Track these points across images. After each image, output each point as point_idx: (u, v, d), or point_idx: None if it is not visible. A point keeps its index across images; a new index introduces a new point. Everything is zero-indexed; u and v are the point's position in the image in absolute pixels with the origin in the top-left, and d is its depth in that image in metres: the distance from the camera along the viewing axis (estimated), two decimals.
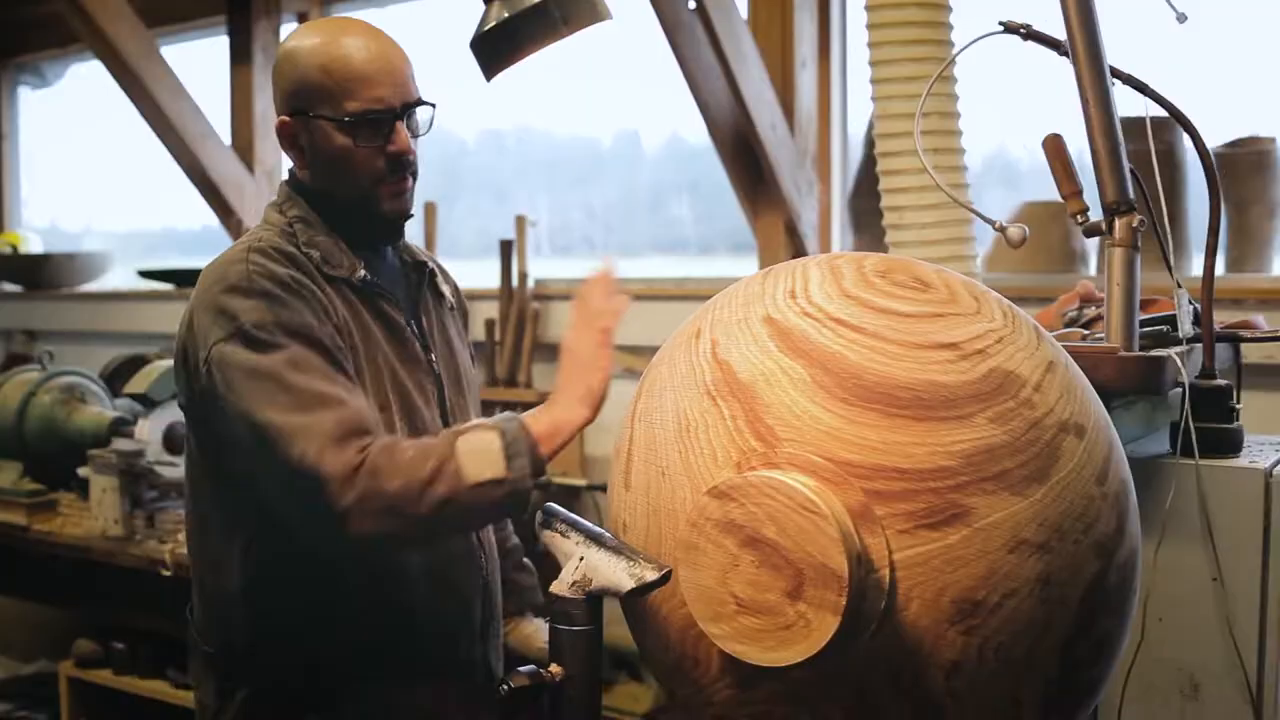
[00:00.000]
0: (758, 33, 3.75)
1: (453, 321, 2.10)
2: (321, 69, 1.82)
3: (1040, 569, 1.26)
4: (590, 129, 5.13)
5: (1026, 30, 1.86)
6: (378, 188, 1.87)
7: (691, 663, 1.44)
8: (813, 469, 1.29)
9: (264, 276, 1.76)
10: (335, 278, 1.86)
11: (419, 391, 1.92)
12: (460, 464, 1.67)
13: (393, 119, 1.84)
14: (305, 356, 1.73)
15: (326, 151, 1.85)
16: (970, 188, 2.48)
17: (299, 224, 1.89)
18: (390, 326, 1.92)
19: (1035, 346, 1.34)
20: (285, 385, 1.70)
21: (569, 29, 1.53)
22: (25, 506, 3.52)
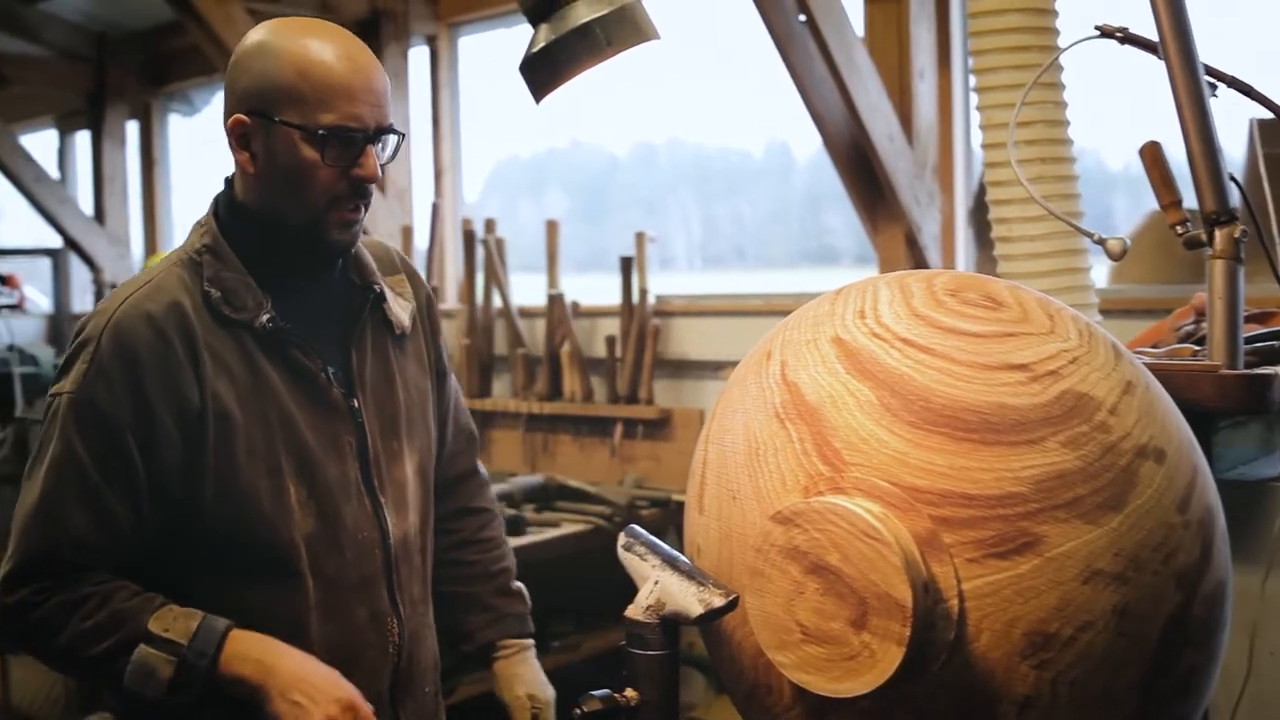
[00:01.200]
0: (873, 44, 3.71)
1: (408, 349, 1.94)
2: (299, 72, 1.66)
3: (1116, 601, 1.20)
4: (741, 141, 5.12)
5: (1124, 34, 1.79)
6: (329, 213, 1.71)
7: (765, 690, 1.41)
8: (879, 494, 1.26)
9: (112, 346, 1.68)
10: (234, 321, 1.73)
11: (329, 446, 1.79)
12: (128, 667, 1.64)
13: (365, 141, 1.69)
14: (76, 460, 1.67)
15: (285, 162, 1.69)
16: (1082, 197, 2.39)
17: (208, 255, 1.75)
18: (297, 375, 1.78)
19: (1112, 367, 1.28)
20: (41, 478, 1.68)
21: (613, 49, 1.53)
22: None
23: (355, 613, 1.82)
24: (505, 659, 2.06)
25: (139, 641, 1.64)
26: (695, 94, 4.85)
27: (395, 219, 5.44)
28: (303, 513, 1.76)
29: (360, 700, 1.69)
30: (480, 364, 4.86)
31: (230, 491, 1.71)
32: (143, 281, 1.74)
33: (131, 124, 7.45)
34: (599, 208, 5.71)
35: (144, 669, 1.63)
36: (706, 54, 4.70)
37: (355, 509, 1.81)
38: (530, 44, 1.60)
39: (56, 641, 1.66)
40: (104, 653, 1.65)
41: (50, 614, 1.66)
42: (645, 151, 5.52)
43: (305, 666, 1.68)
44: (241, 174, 1.75)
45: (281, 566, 1.75)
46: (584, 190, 5.73)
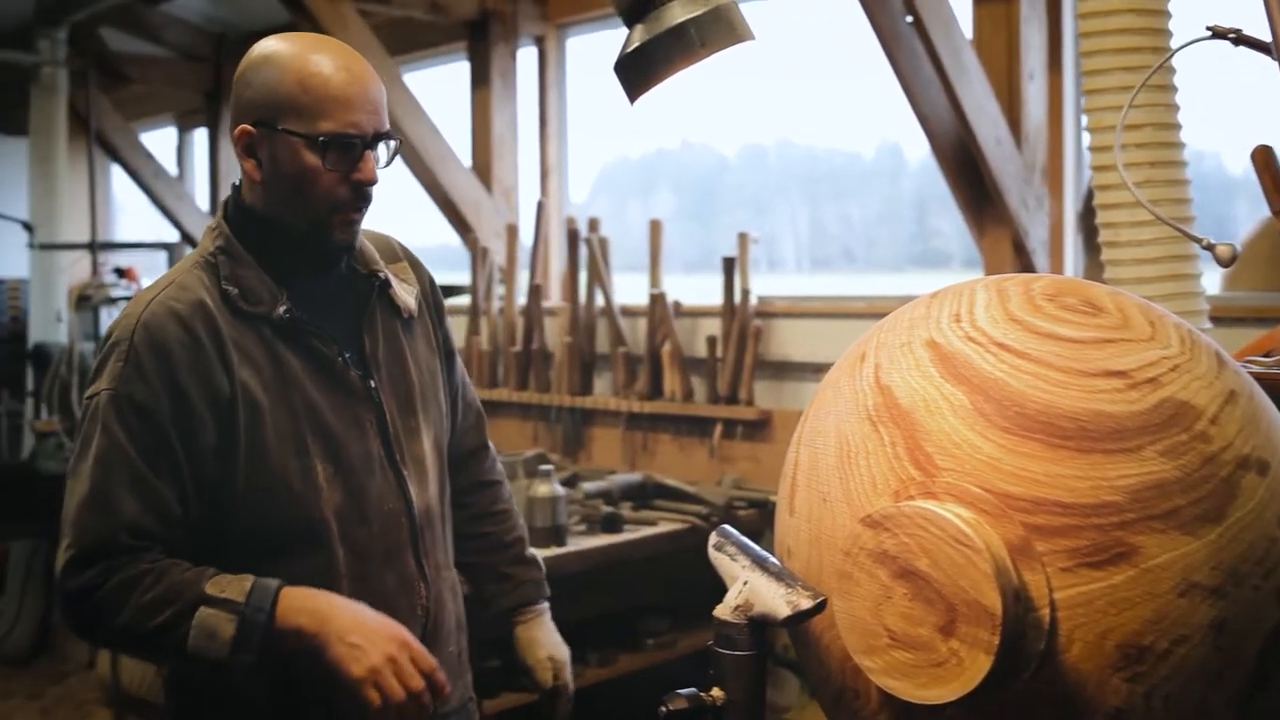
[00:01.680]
0: (981, 45, 3.66)
1: (415, 330, 2.03)
2: (299, 84, 1.77)
3: (1214, 615, 1.17)
4: (851, 142, 5.09)
5: (1237, 35, 1.74)
6: (333, 215, 1.83)
7: (853, 694, 1.40)
8: (971, 500, 1.24)
9: (145, 343, 1.78)
10: (253, 315, 1.83)
11: (351, 425, 1.90)
12: (188, 631, 1.71)
13: (363, 146, 1.80)
14: (122, 450, 1.75)
15: (288, 169, 1.80)
16: (1194, 201, 2.34)
17: (222, 256, 1.86)
18: (316, 361, 1.88)
19: (1215, 375, 1.25)
20: (89, 471, 1.76)
21: (707, 50, 1.52)
22: None
23: (385, 579, 1.92)
24: (524, 623, 2.20)
25: (198, 606, 1.72)
26: (806, 95, 4.83)
27: (501, 217, 5.49)
28: (330, 489, 1.86)
29: (414, 640, 1.79)
30: (582, 362, 4.89)
31: (262, 472, 1.81)
32: (165, 283, 1.85)
33: None
34: (708, 208, 5.71)
35: (206, 629, 1.71)
36: (818, 54, 4.67)
37: (379, 483, 1.91)
38: (625, 44, 1.60)
39: (118, 620, 1.73)
40: (164, 623, 1.72)
41: (111, 593, 1.73)
42: (755, 152, 5.51)
43: (360, 612, 1.77)
44: (249, 181, 1.86)
45: (313, 539, 1.85)
46: (693, 191, 5.73)
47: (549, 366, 5.05)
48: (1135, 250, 2.31)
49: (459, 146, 5.50)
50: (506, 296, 5.26)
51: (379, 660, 1.73)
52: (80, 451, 1.79)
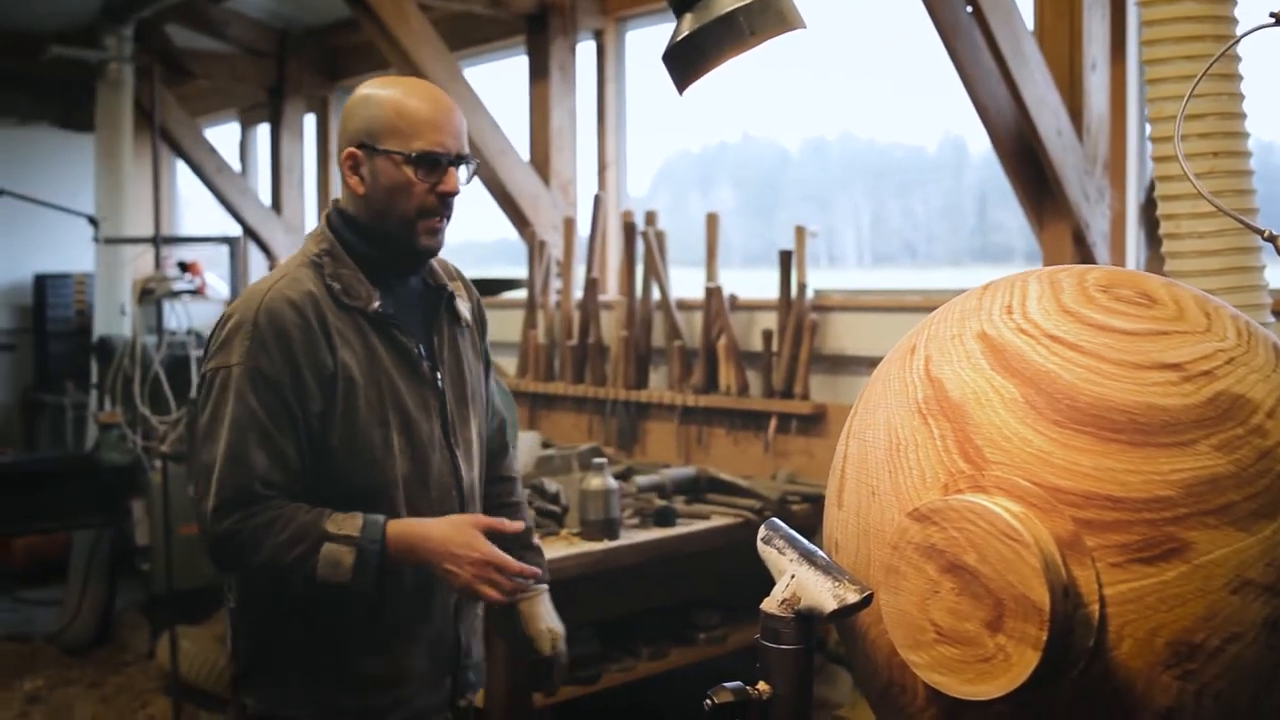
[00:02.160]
0: (1043, 35, 3.61)
1: (468, 338, 2.40)
2: (396, 112, 2.16)
3: (1268, 613, 1.15)
4: (914, 136, 5.05)
5: None
6: (419, 221, 2.19)
7: (899, 689, 1.39)
8: (1020, 494, 1.23)
9: (267, 323, 2.14)
10: (351, 307, 2.19)
11: (421, 407, 2.26)
12: (316, 563, 2.10)
13: (448, 163, 2.17)
14: (252, 414, 2.12)
15: (388, 181, 2.17)
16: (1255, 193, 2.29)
17: (326, 257, 2.22)
18: (399, 351, 2.24)
19: (1272, 368, 1.22)
20: (224, 434, 2.12)
21: (756, 39, 1.51)
22: None
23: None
24: (528, 600, 2.50)
25: (322, 542, 2.09)
26: (868, 88, 4.79)
27: (559, 210, 5.50)
28: (402, 458, 2.23)
29: (494, 554, 2.18)
30: (637, 355, 4.89)
31: (352, 437, 2.18)
32: (278, 276, 2.21)
33: (309, 117, 7.68)
34: (769, 202, 5.67)
35: (331, 560, 2.10)
36: (880, 47, 4.63)
37: (439, 459, 2.29)
38: (674, 34, 1.60)
39: (259, 557, 2.11)
40: (297, 557, 2.10)
41: (251, 536, 2.10)
42: (817, 146, 5.46)
43: (447, 535, 2.17)
44: (351, 195, 2.23)
45: (384, 498, 2.21)
46: (754, 185, 5.70)
47: (605, 360, 5.05)
48: (1196, 242, 2.26)
49: (518, 141, 5.51)
50: (563, 290, 5.27)
51: (468, 578, 2.15)
52: (213, 417, 2.15)
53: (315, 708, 2.25)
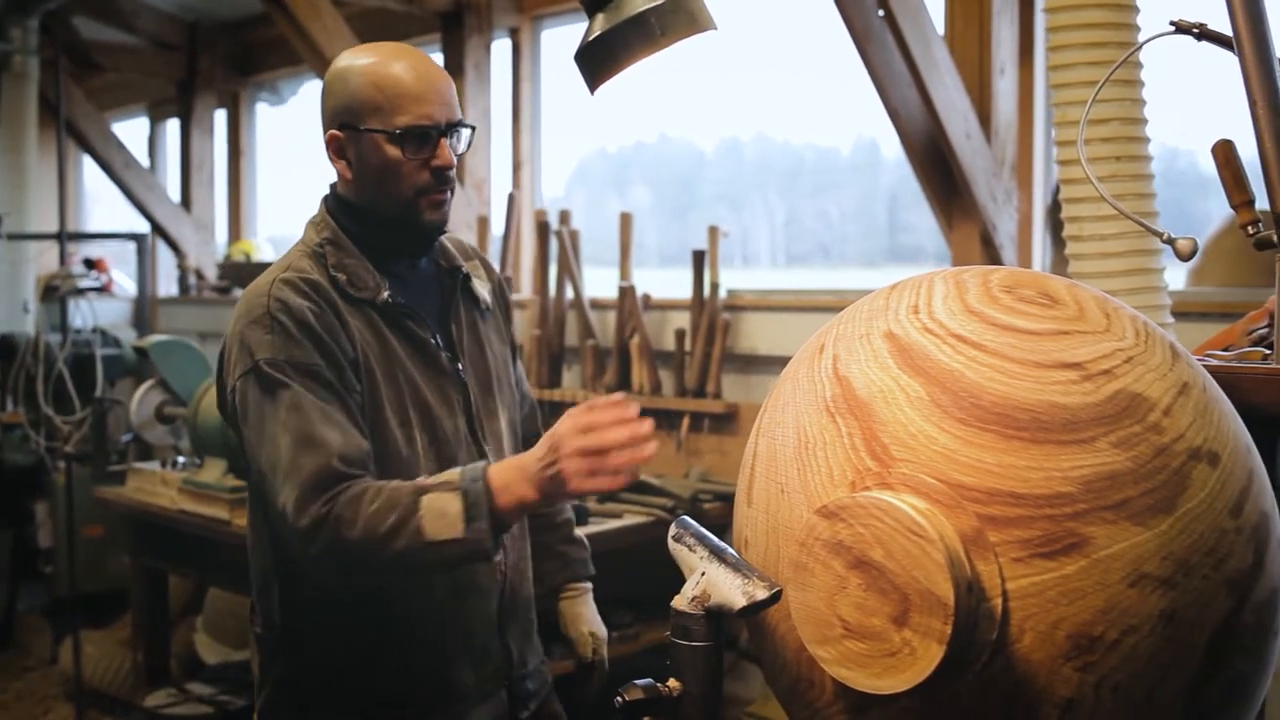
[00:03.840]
0: (953, 39, 3.66)
1: (490, 321, 2.21)
2: (374, 86, 1.95)
3: (1164, 605, 1.18)
4: (828, 138, 5.10)
5: (1201, 29, 1.75)
6: (419, 199, 2.00)
7: (807, 684, 1.40)
8: (926, 491, 1.24)
9: (282, 312, 1.92)
10: (359, 299, 2.00)
11: (443, 402, 2.06)
12: (420, 522, 1.81)
13: (438, 135, 1.97)
14: (307, 401, 1.88)
15: (374, 163, 1.98)
16: (1155, 197, 2.34)
17: (329, 246, 2.03)
18: (414, 343, 2.05)
19: (1168, 367, 1.26)
20: (282, 426, 1.87)
21: (668, 40, 1.52)
22: (228, 501, 3.69)
23: None
24: (571, 599, 2.34)
25: (420, 496, 1.83)
26: (783, 90, 4.83)
27: (472, 209, 5.47)
28: (426, 458, 2.02)
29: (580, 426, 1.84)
30: (550, 355, 4.88)
31: (377, 435, 1.97)
32: (281, 268, 2.00)
33: (220, 113, 7.57)
34: (684, 202, 5.70)
35: (436, 511, 1.82)
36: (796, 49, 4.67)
37: (465, 456, 2.06)
38: (586, 33, 1.60)
39: (355, 533, 1.82)
40: (395, 523, 1.81)
41: (344, 511, 1.82)
42: (732, 147, 5.50)
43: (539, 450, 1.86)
44: (342, 180, 2.05)
45: None
46: (670, 185, 5.72)
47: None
48: (1099, 244, 2.31)
49: None
50: None
51: (574, 468, 1.81)
52: (263, 417, 1.89)
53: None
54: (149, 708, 4.25)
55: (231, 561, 3.78)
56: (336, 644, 2.04)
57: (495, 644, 2.12)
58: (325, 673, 2.05)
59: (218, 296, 6.97)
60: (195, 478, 3.86)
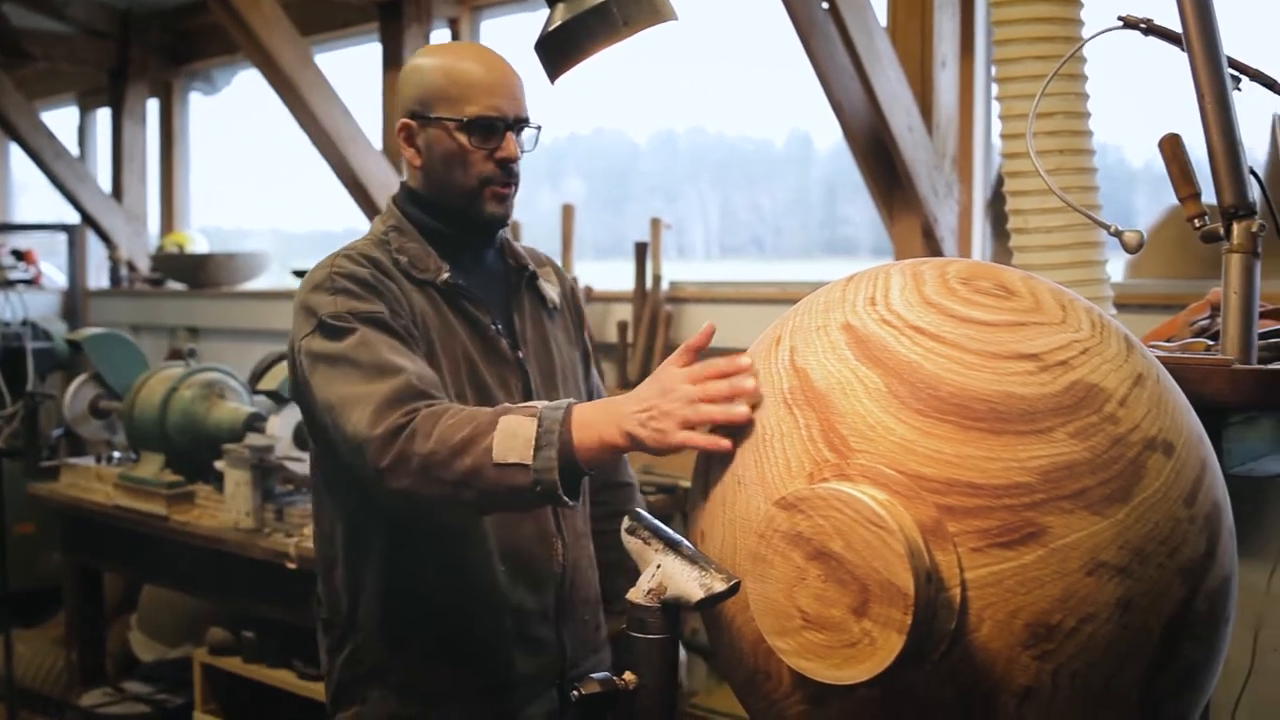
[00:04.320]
0: (895, 32, 3.68)
1: (558, 321, 2.24)
2: (446, 76, 2.01)
3: (1120, 593, 1.19)
4: (761, 130, 5.10)
5: (1148, 25, 1.77)
6: (484, 189, 2.03)
7: (764, 676, 1.40)
8: (885, 482, 1.25)
9: (343, 276, 1.95)
10: (421, 280, 2.03)
11: (500, 385, 2.07)
12: (492, 441, 1.72)
13: (504, 128, 2.01)
14: (374, 337, 1.88)
15: (442, 151, 2.03)
16: (1101, 190, 2.37)
17: (393, 232, 2.08)
18: (474, 324, 2.07)
19: (1124, 359, 1.27)
20: (353, 363, 1.86)
21: (630, 30, 1.52)
22: (165, 497, 3.64)
23: (523, 527, 2.08)
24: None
25: (500, 416, 1.74)
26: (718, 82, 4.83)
27: None
28: None
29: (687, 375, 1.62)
30: None
31: None
32: (344, 250, 2.03)
33: (152, 102, 7.44)
34: (620, 194, 5.69)
35: (509, 431, 1.72)
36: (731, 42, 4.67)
37: None
38: (546, 23, 1.59)
39: (427, 445, 1.75)
40: (468, 436, 1.73)
41: (421, 424, 1.77)
42: (666, 139, 5.50)
43: (639, 394, 1.67)
44: (410, 168, 2.10)
45: None
46: (605, 177, 5.71)
47: None
48: (1043, 237, 2.33)
49: (371, 129, 5.43)
50: None
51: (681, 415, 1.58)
52: (332, 360, 1.88)
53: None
54: (84, 707, 4.19)
55: (170, 558, 3.74)
56: (398, 626, 2.06)
57: (551, 638, 2.12)
58: (387, 655, 2.07)
59: (150, 289, 6.86)
60: (132, 473, 3.80)
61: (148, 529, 3.72)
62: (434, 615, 2.06)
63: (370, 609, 2.07)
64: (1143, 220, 3.71)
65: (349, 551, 2.08)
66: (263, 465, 3.36)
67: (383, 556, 2.05)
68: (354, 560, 2.07)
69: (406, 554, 2.05)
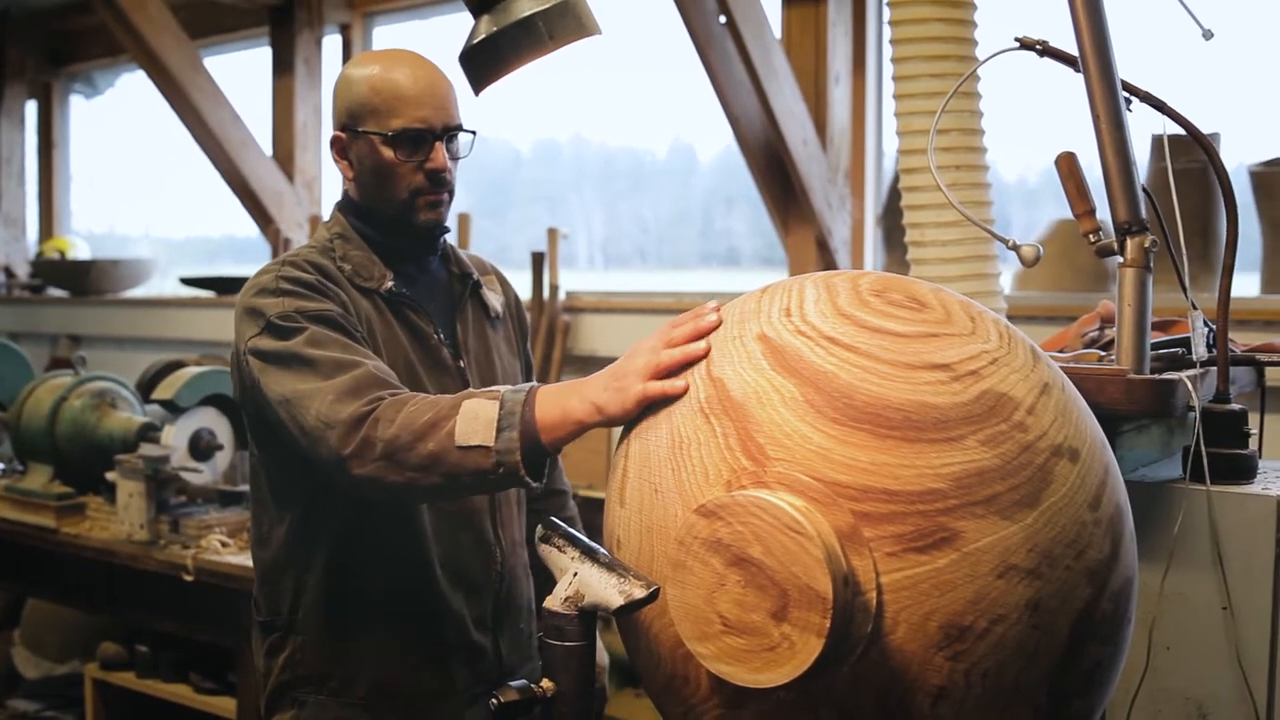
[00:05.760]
0: (790, 48, 3.75)
1: (501, 331, 2.24)
2: (372, 89, 2.01)
3: (1029, 595, 1.23)
4: (644, 141, 5.13)
5: (1043, 46, 1.83)
6: (415, 200, 2.03)
7: (682, 681, 1.42)
8: (802, 489, 1.28)
9: (289, 280, 1.96)
10: (365, 288, 2.04)
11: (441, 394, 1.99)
12: (455, 424, 1.72)
13: (432, 139, 2.00)
14: (325, 334, 1.89)
15: (372, 164, 2.03)
16: (993, 205, 2.44)
17: (338, 240, 2.09)
18: (416, 334, 2.08)
19: (1030, 368, 1.32)
20: (305, 360, 1.86)
21: (555, 44, 1.54)
22: (54, 509, 3.55)
23: (461, 537, 2.10)
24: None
25: (461, 401, 1.74)
26: (602, 92, 4.85)
27: (303, 209, 5.38)
28: None
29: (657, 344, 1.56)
30: None
31: None
32: (289, 254, 2.06)
33: (31, 104, 7.26)
34: (502, 202, 5.69)
35: (470, 414, 1.72)
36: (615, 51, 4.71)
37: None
38: (471, 35, 1.60)
39: (391, 429, 1.74)
40: (431, 420, 1.73)
41: (385, 411, 1.77)
42: (549, 148, 5.52)
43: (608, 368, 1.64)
44: (345, 180, 2.11)
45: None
46: (486, 185, 5.71)
47: None
48: (939, 250, 2.39)
49: (260, 135, 5.36)
50: None
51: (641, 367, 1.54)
52: (279, 367, 1.88)
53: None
54: None
55: (58, 571, 3.65)
56: (338, 631, 2.06)
57: (489, 645, 2.14)
58: (327, 659, 2.08)
59: (30, 295, 6.68)
60: (18, 484, 3.70)
61: (35, 542, 3.62)
62: (375, 620, 2.07)
63: (311, 612, 2.08)
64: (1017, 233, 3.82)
65: (292, 554, 2.08)
66: (158, 476, 3.29)
67: (327, 561, 2.06)
68: (298, 563, 2.08)
69: (349, 558, 2.06)
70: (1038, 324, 3.13)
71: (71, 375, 3.77)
